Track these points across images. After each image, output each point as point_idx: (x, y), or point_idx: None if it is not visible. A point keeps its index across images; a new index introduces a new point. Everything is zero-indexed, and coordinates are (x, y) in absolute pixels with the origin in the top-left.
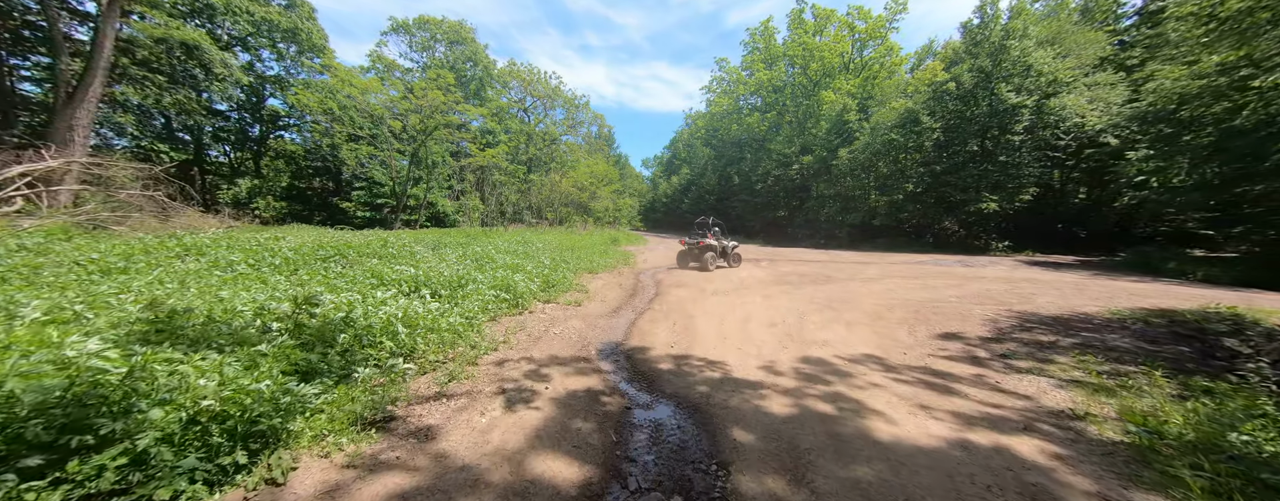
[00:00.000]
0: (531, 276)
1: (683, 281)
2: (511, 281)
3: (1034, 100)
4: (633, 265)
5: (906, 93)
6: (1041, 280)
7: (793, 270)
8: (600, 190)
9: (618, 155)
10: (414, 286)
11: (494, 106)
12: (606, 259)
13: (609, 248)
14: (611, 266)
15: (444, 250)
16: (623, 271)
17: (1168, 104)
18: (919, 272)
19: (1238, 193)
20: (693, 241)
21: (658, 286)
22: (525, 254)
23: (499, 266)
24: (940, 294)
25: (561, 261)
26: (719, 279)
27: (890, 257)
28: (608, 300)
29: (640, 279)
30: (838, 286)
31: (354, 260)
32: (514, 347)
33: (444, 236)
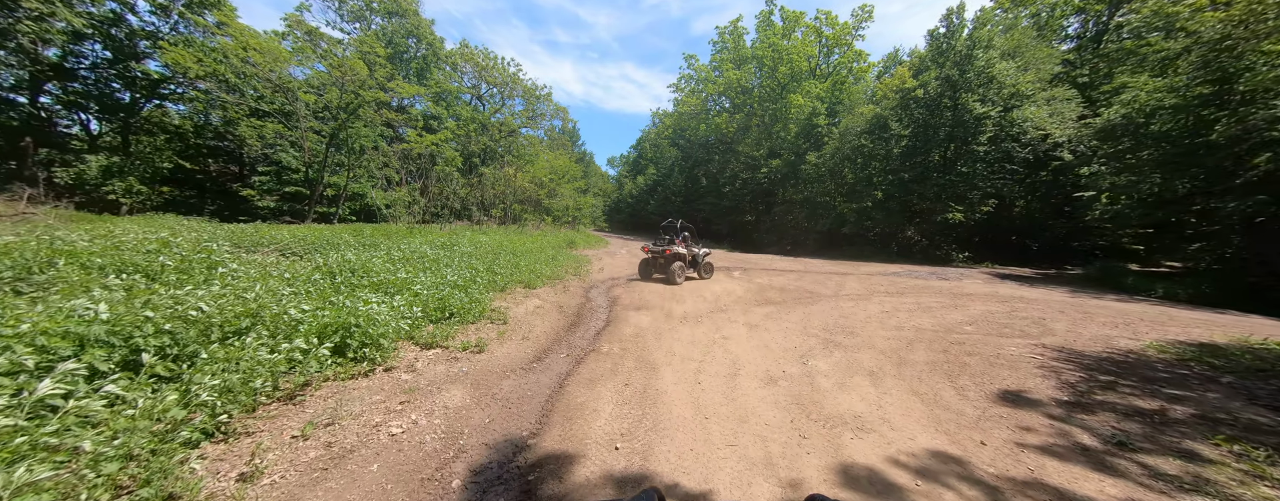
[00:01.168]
0: (417, 302)
1: (644, 300)
2: (365, 317)
3: (997, 111)
4: (585, 276)
5: (874, 99)
6: (1033, 299)
7: (770, 282)
8: (561, 187)
9: (582, 152)
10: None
11: (439, 89)
12: (553, 267)
13: (561, 252)
14: (557, 278)
15: (314, 256)
16: (569, 285)
17: (1138, 116)
18: (902, 287)
19: (1196, 209)
20: (658, 249)
21: (612, 308)
22: (439, 261)
23: (367, 286)
24: (946, 319)
25: (488, 272)
26: (690, 295)
27: (862, 267)
28: (534, 336)
29: (590, 296)
30: (828, 306)
31: None
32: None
33: (345, 235)
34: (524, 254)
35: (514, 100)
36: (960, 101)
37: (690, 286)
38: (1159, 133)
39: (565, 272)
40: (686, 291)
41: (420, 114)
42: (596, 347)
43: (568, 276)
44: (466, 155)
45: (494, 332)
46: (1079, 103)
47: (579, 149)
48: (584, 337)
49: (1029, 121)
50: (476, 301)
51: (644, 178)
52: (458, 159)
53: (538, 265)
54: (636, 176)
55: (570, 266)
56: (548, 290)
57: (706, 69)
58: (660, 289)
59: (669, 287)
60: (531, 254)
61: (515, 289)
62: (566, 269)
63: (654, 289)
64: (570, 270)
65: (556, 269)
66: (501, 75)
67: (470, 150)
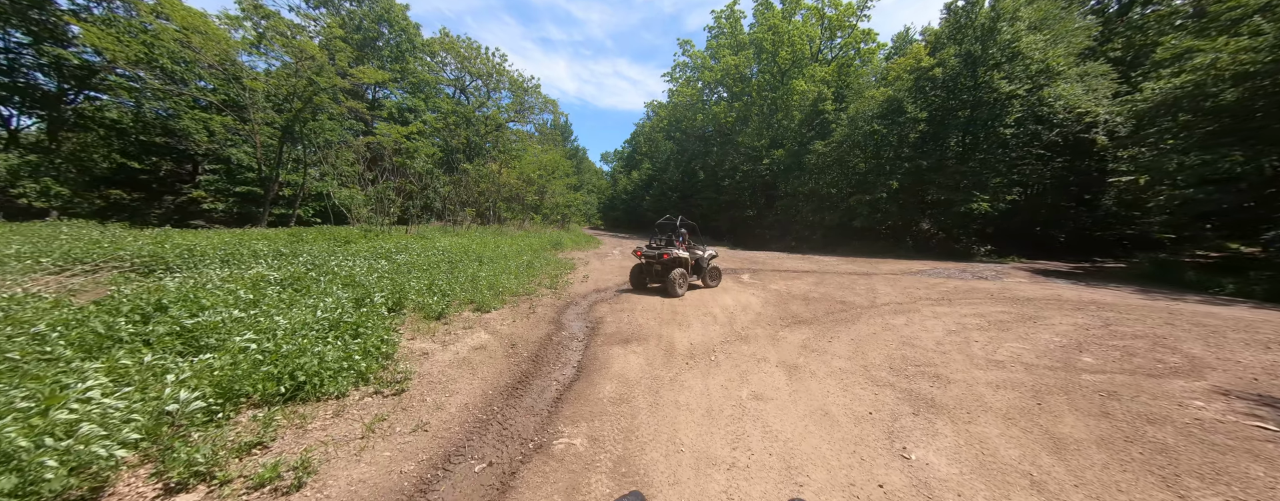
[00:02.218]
0: (230, 369)
1: (636, 326)
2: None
3: (1026, 89)
4: (563, 288)
5: (887, 80)
6: (1112, 304)
7: (788, 288)
8: (551, 184)
9: (575, 148)
10: None
11: (416, 79)
12: (524, 278)
13: (541, 256)
14: (525, 293)
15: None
16: (539, 304)
17: (1212, 85)
18: (944, 291)
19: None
20: (653, 252)
21: (589, 341)
22: (377, 274)
23: (147, 343)
24: (1038, 341)
25: (425, 292)
26: (695, 313)
27: (881, 265)
28: (442, 417)
29: (564, 321)
30: (875, 325)
31: None
32: None
33: (262, 242)
34: (494, 260)
35: (500, 93)
36: (981, 80)
37: (694, 298)
38: (1235, 103)
39: (538, 285)
40: (690, 307)
41: (394, 106)
42: (548, 440)
43: (540, 290)
44: (449, 151)
45: (370, 412)
46: (1114, 79)
47: (572, 145)
48: (534, 408)
49: (1062, 100)
50: (368, 352)
51: (638, 173)
52: (437, 154)
53: (504, 276)
54: (631, 172)
55: (548, 275)
56: (506, 314)
57: (702, 56)
58: (657, 304)
59: (668, 302)
60: (503, 259)
61: (459, 315)
62: (542, 279)
63: (649, 305)
64: (546, 280)
65: (528, 280)
66: (485, 65)
67: (452, 145)
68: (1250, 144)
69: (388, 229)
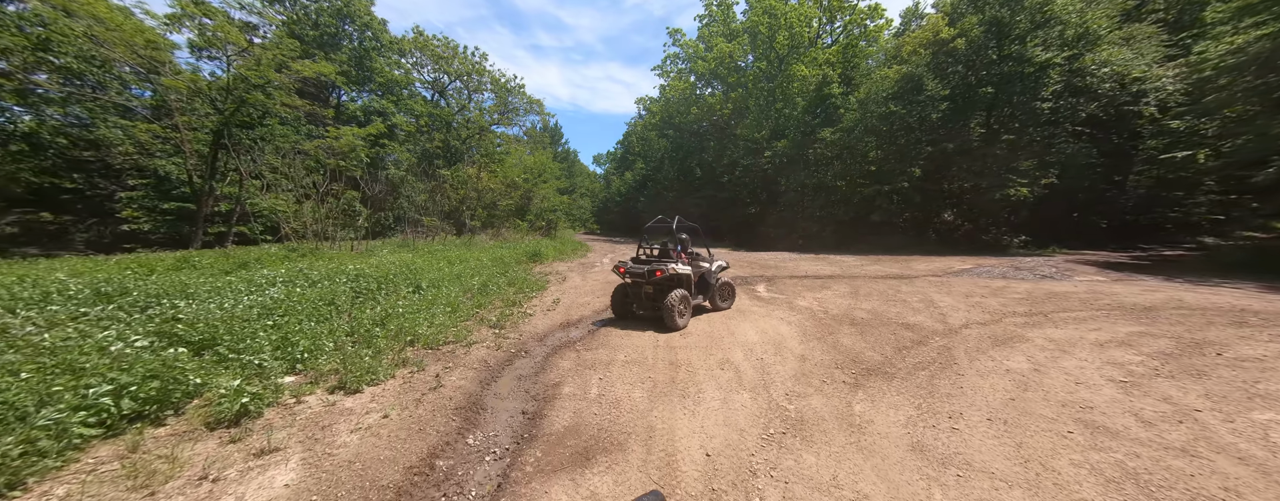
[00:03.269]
0: None
1: (609, 408)
2: None
3: (1065, 56)
4: (514, 325)
5: (901, 58)
6: (1259, 311)
7: (822, 305)
8: (538, 188)
9: (566, 151)
10: None
11: (383, 78)
12: (463, 313)
13: (507, 274)
14: (454, 339)
15: None
16: (463, 360)
17: None
18: (1022, 300)
19: None
20: (641, 269)
21: (514, 459)
22: (205, 325)
23: None
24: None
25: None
26: (705, 364)
27: (912, 264)
28: None
29: (487, 400)
30: (992, 375)
31: None
32: None
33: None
34: (443, 282)
35: (482, 94)
36: (1009, 52)
37: (701, 330)
38: None
39: (481, 322)
40: (697, 349)
41: (359, 109)
42: None
43: (478, 332)
44: (426, 156)
45: None
46: (1161, 42)
47: (562, 148)
48: None
49: (1108, 67)
50: None
51: (632, 173)
52: (411, 160)
53: (435, 310)
54: (624, 173)
55: (504, 302)
56: (386, 393)
57: (694, 45)
58: (648, 348)
59: (664, 339)
60: (452, 282)
61: (287, 406)
62: (492, 310)
63: (636, 350)
64: (497, 311)
65: (469, 314)
66: (463, 64)
67: (429, 150)
68: None
69: (335, 246)
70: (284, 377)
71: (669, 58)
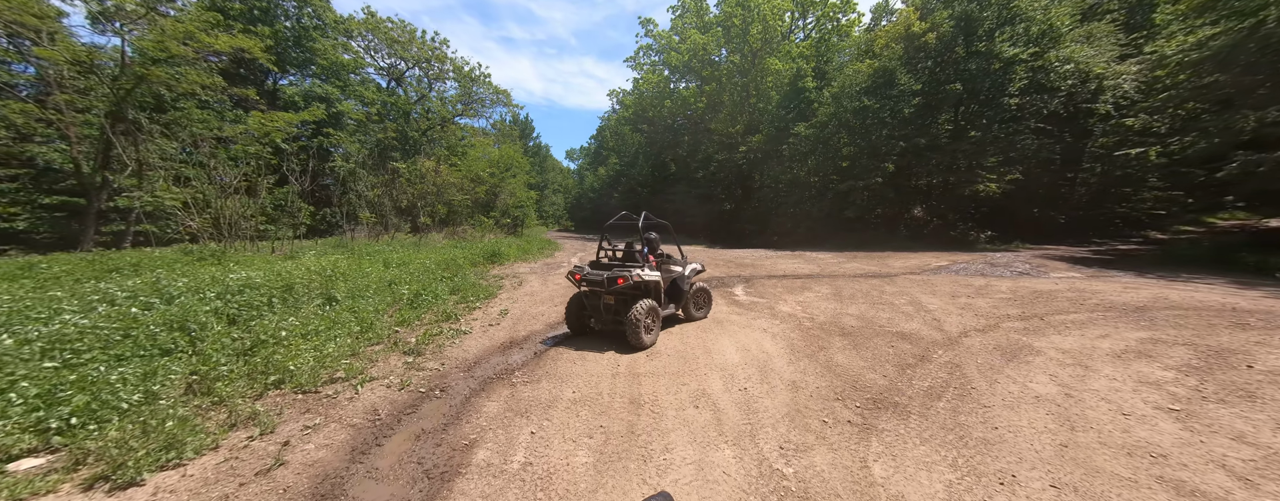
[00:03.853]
0: None
1: (537, 475)
2: None
3: (1030, 53)
4: (444, 347)
5: (873, 52)
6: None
7: (807, 310)
8: (506, 183)
9: (537, 145)
10: None
11: (326, 62)
12: (374, 334)
13: (455, 279)
14: (348, 375)
15: None
16: (346, 409)
17: None
18: (1010, 300)
19: None
20: (598, 275)
21: None
22: None
23: None
24: None
25: None
26: (674, 398)
27: (889, 261)
28: None
29: (357, 480)
30: (1019, 404)
31: None
32: None
33: None
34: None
35: (444, 83)
36: (977, 48)
37: (672, 347)
38: None
39: (392, 348)
40: (666, 374)
41: (298, 95)
42: None
43: (384, 363)
44: (381, 148)
45: None
46: (1116, 42)
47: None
48: None
49: (1071, 64)
50: None
51: (605, 169)
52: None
53: (335, 332)
54: (598, 168)
55: (435, 316)
56: (196, 475)
57: (667, 36)
58: (604, 376)
59: (625, 361)
60: (376, 292)
61: None
62: (412, 332)
63: (590, 380)
64: (427, 329)
65: (375, 339)
66: (421, 50)
67: (383, 141)
68: None
69: (255, 247)
70: (22, 462)
71: (642, 49)
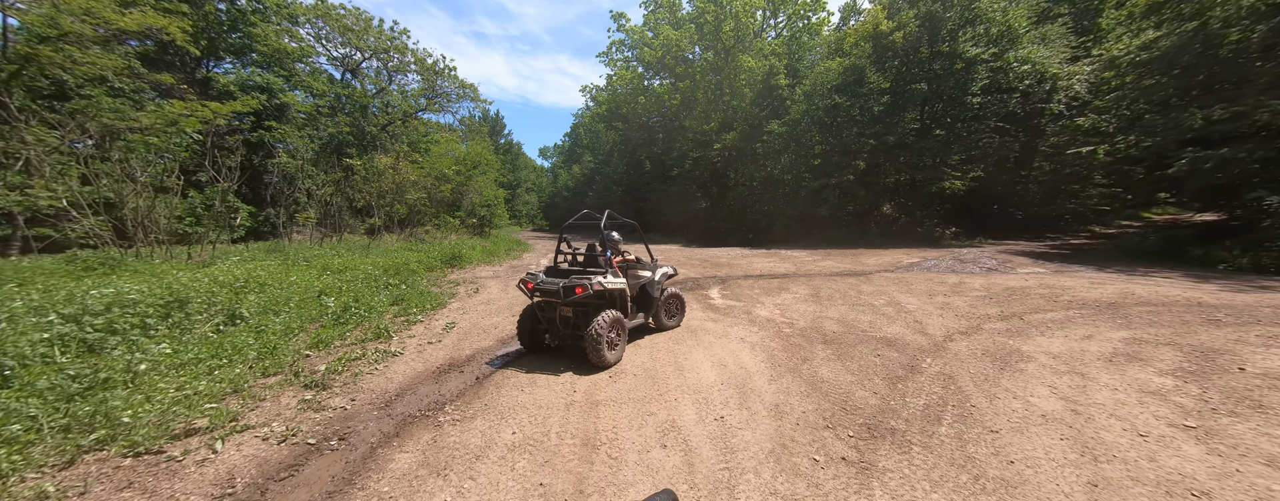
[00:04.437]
0: None
1: None
2: None
3: (990, 53)
4: (370, 368)
5: (843, 50)
6: (1235, 307)
7: (786, 314)
8: (474, 181)
9: (508, 143)
10: None
11: (267, 48)
12: (275, 361)
13: (393, 289)
14: (212, 425)
15: None
16: (183, 481)
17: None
18: (986, 298)
19: None
20: (552, 285)
21: None
22: None
23: None
24: None
25: None
26: (636, 431)
27: (862, 259)
28: None
29: None
30: (1029, 427)
31: None
32: None
33: None
34: (277, 307)
35: (405, 76)
36: (941, 48)
37: (639, 364)
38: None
39: (290, 380)
40: (628, 399)
41: (233, 84)
42: None
43: (270, 401)
44: (333, 144)
45: None
46: (1068, 44)
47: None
48: None
49: (1028, 65)
50: None
51: (579, 167)
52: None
53: (229, 361)
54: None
55: (364, 335)
56: None
57: (639, 31)
58: (556, 404)
59: (583, 386)
60: (299, 305)
61: None
62: (326, 355)
63: (535, 411)
64: (334, 356)
65: (274, 366)
66: (380, 41)
67: (336, 136)
68: None
69: (168, 253)
70: None
71: (614, 44)
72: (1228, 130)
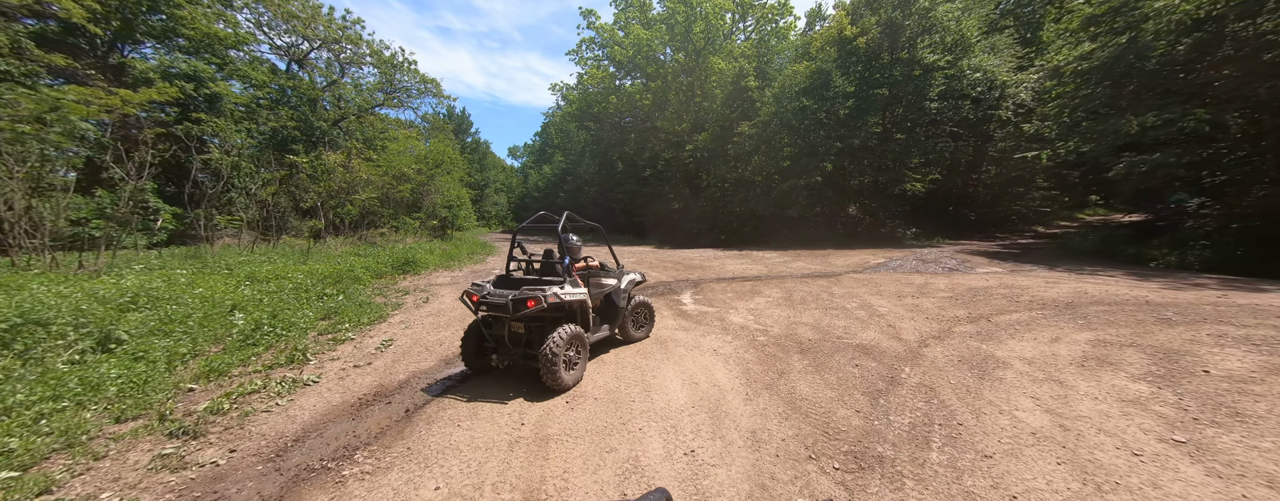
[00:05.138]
0: None
1: None
2: None
3: (947, 60)
4: (271, 401)
5: (809, 54)
6: (1180, 306)
7: (760, 321)
8: (437, 180)
9: (475, 141)
10: None
11: (194, 32)
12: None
13: (328, 301)
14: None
15: None
16: None
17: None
18: (952, 300)
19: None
20: (505, 298)
21: None
22: None
23: None
24: None
25: None
26: (590, 479)
27: (831, 260)
28: None
29: None
30: (1019, 450)
31: None
32: None
33: None
34: (168, 327)
35: (360, 69)
36: (900, 56)
37: (601, 383)
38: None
39: (153, 425)
40: (585, 431)
41: (153, 70)
42: None
43: (114, 459)
44: (277, 140)
45: None
46: (1015, 54)
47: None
48: None
49: (980, 72)
50: None
51: (550, 167)
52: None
53: (75, 401)
54: (542, 166)
55: (276, 358)
56: None
57: (610, 29)
58: (497, 443)
59: (533, 416)
60: (204, 323)
61: None
62: (220, 386)
63: (470, 452)
64: (230, 387)
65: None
66: (331, 31)
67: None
68: (1187, 102)
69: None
70: None
71: (584, 42)
72: (1159, 136)
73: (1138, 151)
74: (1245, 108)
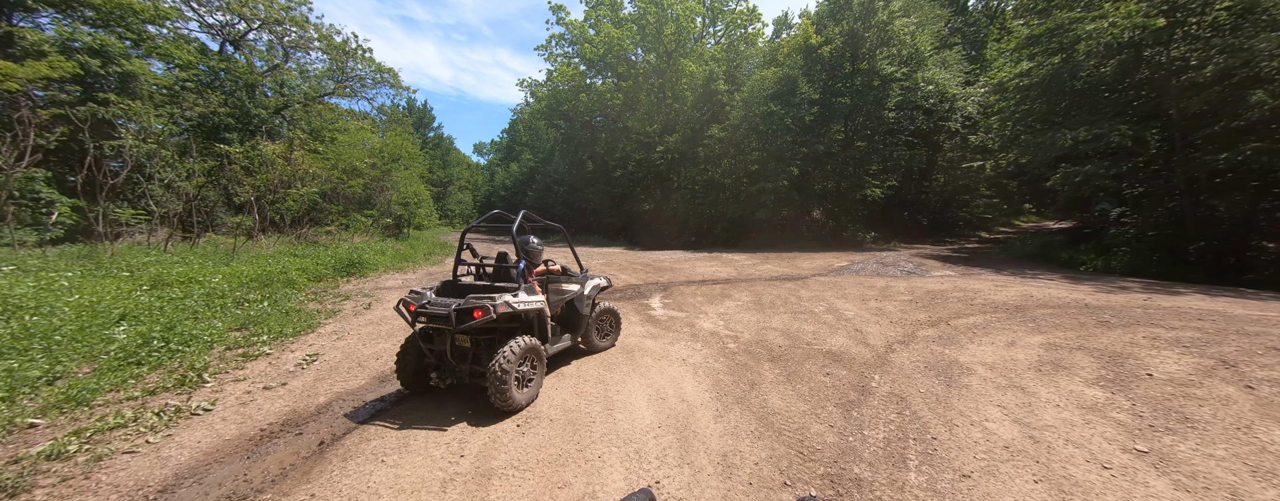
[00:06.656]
0: None
1: None
2: None
3: (904, 72)
4: (137, 441)
5: (777, 60)
6: (1122, 309)
7: (730, 326)
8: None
9: (438, 136)
10: None
11: (109, 5)
12: None
13: (249, 308)
14: None
15: None
16: None
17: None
18: (915, 303)
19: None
20: (447, 308)
21: None
22: None
23: None
24: None
25: None
26: None
27: (798, 263)
28: None
29: None
30: (996, 466)
31: None
32: None
33: None
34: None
35: (308, 54)
36: (861, 67)
37: (558, 401)
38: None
39: None
40: (537, 460)
41: (49, 42)
42: None
43: None
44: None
45: None
46: (963, 69)
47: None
48: None
49: (933, 85)
50: None
51: (518, 165)
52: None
53: None
54: (510, 164)
55: (163, 381)
56: None
57: (580, 26)
58: (429, 480)
59: (479, 443)
60: (75, 338)
61: None
62: (73, 419)
63: (396, 494)
64: (87, 422)
65: None
66: (272, 11)
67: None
68: (1130, 118)
69: None
70: None
71: (554, 38)
72: (1089, 150)
73: (1072, 163)
74: (1159, 126)
